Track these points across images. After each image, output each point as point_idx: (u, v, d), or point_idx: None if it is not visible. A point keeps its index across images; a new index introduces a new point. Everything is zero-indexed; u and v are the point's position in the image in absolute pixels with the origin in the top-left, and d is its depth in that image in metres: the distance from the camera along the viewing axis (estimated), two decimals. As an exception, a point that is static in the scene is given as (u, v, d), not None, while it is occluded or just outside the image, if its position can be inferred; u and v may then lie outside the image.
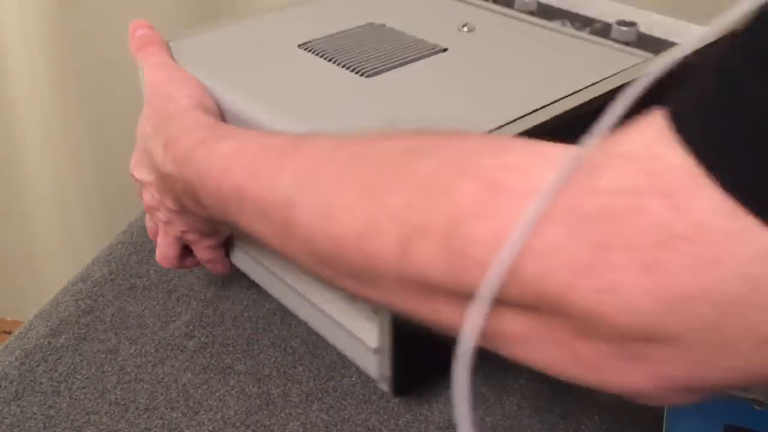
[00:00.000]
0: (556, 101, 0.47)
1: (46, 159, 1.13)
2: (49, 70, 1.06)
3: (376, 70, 0.52)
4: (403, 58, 0.53)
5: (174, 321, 0.59)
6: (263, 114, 0.48)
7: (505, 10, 0.61)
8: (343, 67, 0.52)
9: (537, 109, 0.46)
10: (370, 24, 0.59)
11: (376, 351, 0.47)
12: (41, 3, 1.01)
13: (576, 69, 0.51)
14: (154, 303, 0.61)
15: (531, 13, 0.60)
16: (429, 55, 0.54)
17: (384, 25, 0.59)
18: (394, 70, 0.52)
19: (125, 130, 1.12)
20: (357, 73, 0.52)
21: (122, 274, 0.64)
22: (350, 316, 0.49)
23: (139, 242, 0.69)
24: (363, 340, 0.48)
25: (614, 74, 0.50)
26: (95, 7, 1.02)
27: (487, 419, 0.49)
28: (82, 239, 1.18)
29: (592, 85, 0.48)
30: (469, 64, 0.53)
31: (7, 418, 0.50)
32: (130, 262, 0.66)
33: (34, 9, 1.02)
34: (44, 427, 0.49)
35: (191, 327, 0.58)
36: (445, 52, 0.54)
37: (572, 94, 0.47)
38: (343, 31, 0.58)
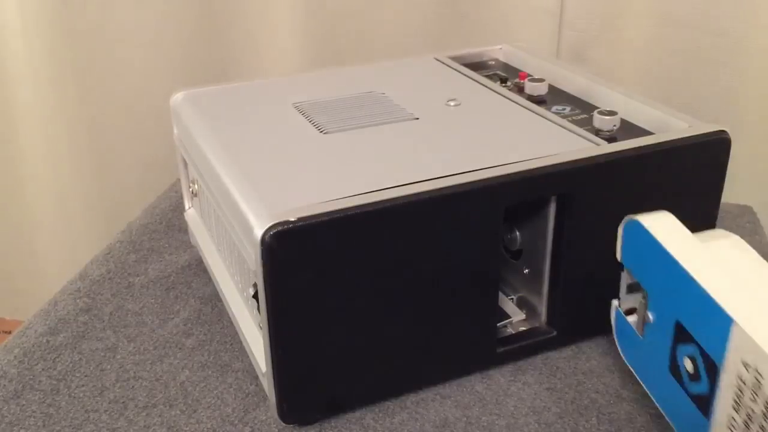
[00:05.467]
0: (467, 172, 0.47)
1: (46, 159, 1.13)
2: (49, 71, 1.06)
3: (336, 128, 0.55)
4: (370, 122, 0.56)
5: (172, 319, 0.59)
6: (208, 146, 0.54)
7: (508, 92, 0.62)
8: (311, 123, 0.56)
9: (450, 175, 0.47)
10: (371, 92, 0.62)
11: (264, 375, 0.48)
12: (42, 3, 1.02)
13: (512, 144, 0.52)
14: (152, 301, 0.61)
15: (541, 97, 0.61)
16: (397, 122, 0.56)
17: (383, 94, 0.61)
18: (353, 130, 0.55)
19: (125, 131, 1.13)
20: (318, 129, 0.55)
21: (120, 272, 0.65)
22: (252, 338, 0.52)
23: (137, 241, 0.69)
24: (259, 364, 0.49)
25: (549, 155, 0.49)
26: (95, 8, 1.02)
27: (483, 419, 0.49)
28: (82, 239, 1.18)
29: (521, 161, 0.48)
30: (425, 130, 0.55)
31: (6, 416, 0.50)
32: (128, 261, 0.66)
33: (35, 9, 1.02)
34: (44, 425, 0.49)
35: (189, 325, 0.58)
36: (416, 120, 0.56)
37: (495, 166, 0.48)
38: (341, 96, 0.61)
